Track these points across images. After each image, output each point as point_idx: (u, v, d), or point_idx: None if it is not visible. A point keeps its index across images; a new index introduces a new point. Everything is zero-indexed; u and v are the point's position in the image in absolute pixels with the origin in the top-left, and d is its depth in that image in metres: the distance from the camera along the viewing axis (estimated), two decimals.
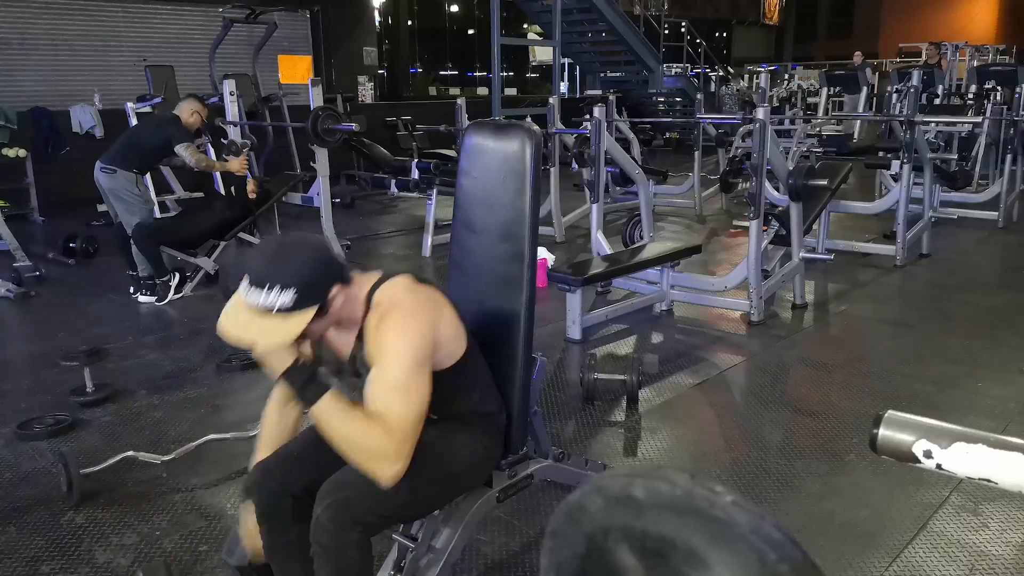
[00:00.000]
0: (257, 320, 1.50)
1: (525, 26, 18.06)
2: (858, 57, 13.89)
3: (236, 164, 5.38)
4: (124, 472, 2.78)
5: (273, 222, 5.95)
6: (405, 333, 1.56)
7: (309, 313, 1.51)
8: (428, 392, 1.57)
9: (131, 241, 4.96)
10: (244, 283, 1.51)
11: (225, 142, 5.62)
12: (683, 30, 16.51)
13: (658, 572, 0.55)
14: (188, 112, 5.16)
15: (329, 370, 1.74)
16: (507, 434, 1.94)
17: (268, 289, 1.47)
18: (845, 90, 12.72)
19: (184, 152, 5.02)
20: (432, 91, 18.48)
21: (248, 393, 3.60)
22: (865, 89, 12.05)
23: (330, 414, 1.52)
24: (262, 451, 1.84)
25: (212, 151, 6.39)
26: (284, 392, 1.82)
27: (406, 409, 1.53)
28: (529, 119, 6.94)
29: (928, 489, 2.61)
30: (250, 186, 5.53)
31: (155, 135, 5.12)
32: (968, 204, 7.49)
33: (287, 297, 1.47)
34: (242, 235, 5.68)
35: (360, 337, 1.64)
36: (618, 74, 14.16)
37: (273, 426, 1.88)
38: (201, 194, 5.82)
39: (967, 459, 0.76)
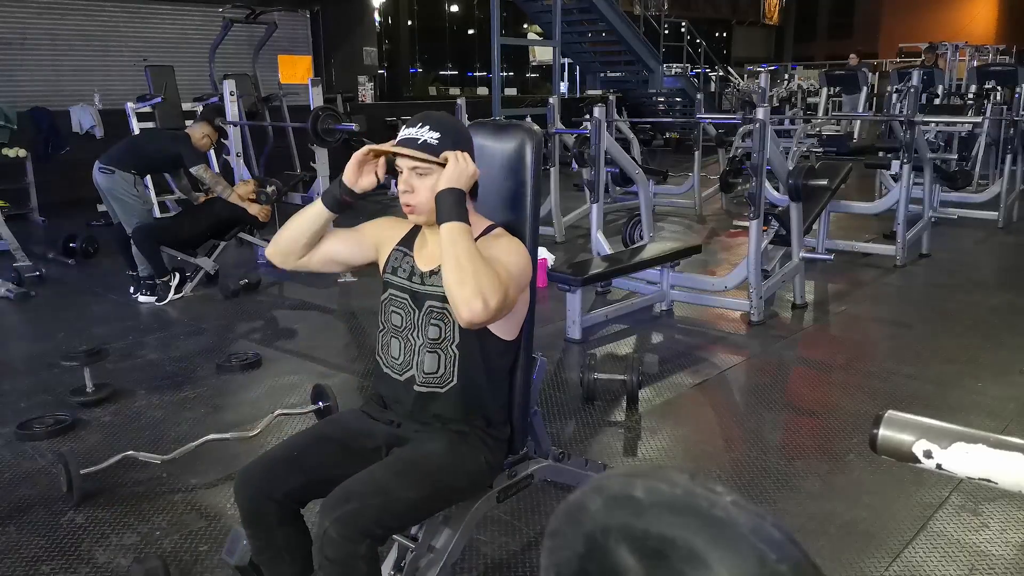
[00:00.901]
0: (402, 148, 1.69)
1: (525, 26, 18.06)
2: (853, 59, 13.90)
3: (256, 209, 5.42)
4: (124, 472, 2.79)
5: (273, 222, 5.95)
6: (521, 253, 1.74)
7: (436, 159, 1.67)
8: (526, 284, 1.76)
9: (131, 241, 4.96)
10: (402, 129, 1.74)
11: (261, 189, 5.63)
12: (683, 30, 16.51)
13: (658, 572, 0.55)
14: (200, 135, 5.22)
15: (401, 277, 1.81)
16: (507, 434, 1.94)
17: (420, 127, 1.70)
18: (845, 90, 12.72)
19: (204, 175, 5.14)
20: (432, 91, 18.50)
21: (248, 393, 3.60)
22: (865, 89, 12.05)
23: (465, 236, 1.62)
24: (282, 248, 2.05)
25: (214, 159, 6.40)
26: (318, 245, 1.94)
27: (516, 272, 1.68)
28: (529, 119, 6.94)
29: (928, 489, 2.61)
30: (250, 186, 5.52)
31: (165, 148, 5.18)
32: (968, 204, 7.49)
33: (432, 135, 1.68)
34: (242, 235, 5.68)
35: None
36: (618, 74, 14.17)
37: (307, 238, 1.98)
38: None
39: (967, 459, 0.76)
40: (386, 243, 1.88)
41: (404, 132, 1.72)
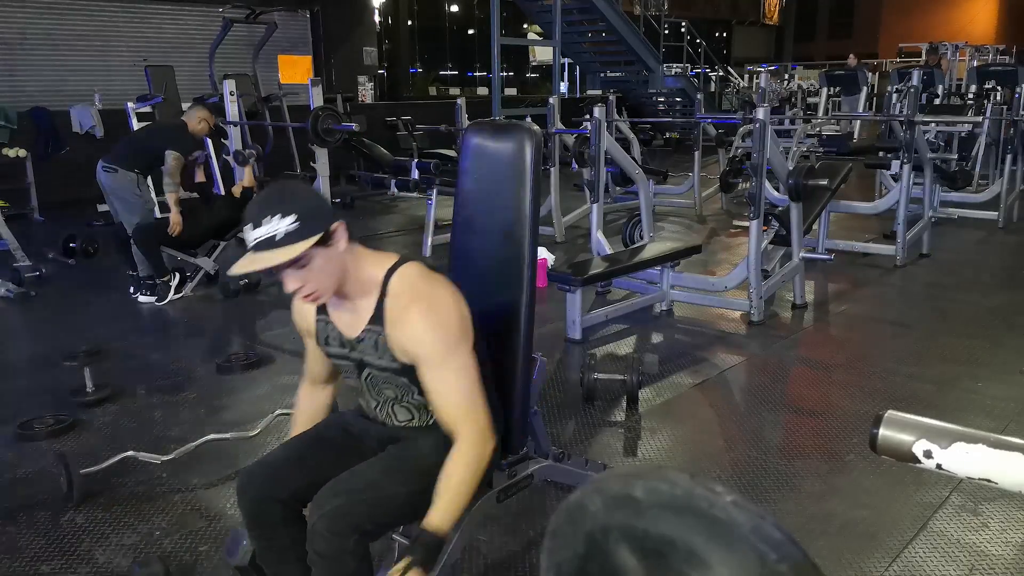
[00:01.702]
0: (252, 258, 1.49)
1: (525, 26, 18.05)
2: (852, 60, 13.91)
3: (238, 189, 5.39)
4: (124, 472, 2.78)
5: None
6: (439, 324, 1.60)
7: (311, 240, 1.49)
8: (477, 367, 1.63)
9: (131, 241, 4.96)
10: (248, 230, 1.50)
11: (233, 152, 5.61)
12: (683, 30, 16.50)
13: (658, 572, 0.55)
14: (196, 120, 5.16)
15: (334, 346, 1.74)
16: (507, 434, 1.94)
17: (268, 220, 1.47)
18: (844, 91, 12.73)
19: (169, 160, 4.92)
20: (432, 91, 18.48)
21: (248, 393, 3.60)
22: (864, 89, 12.06)
23: (459, 504, 1.59)
24: (295, 431, 1.89)
25: (214, 158, 6.39)
26: (315, 373, 1.88)
27: (471, 401, 1.62)
28: (529, 119, 6.94)
29: (928, 489, 2.61)
30: (248, 179, 5.52)
31: (163, 141, 5.08)
32: (968, 204, 7.49)
33: (288, 222, 1.46)
34: (242, 235, 5.68)
35: (377, 320, 1.64)
36: (618, 74, 14.17)
37: (306, 409, 1.92)
38: (196, 194, 5.82)
39: (967, 459, 0.76)
40: (308, 318, 1.76)
41: (252, 234, 1.49)
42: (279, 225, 1.46)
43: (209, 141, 6.69)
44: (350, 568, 1.56)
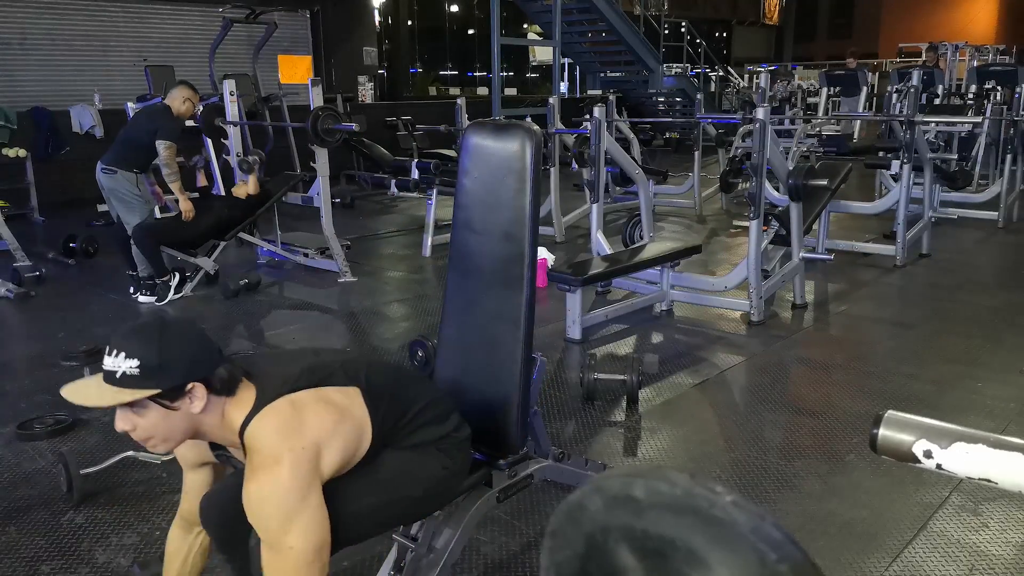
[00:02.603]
0: (96, 384, 1.40)
1: (525, 26, 18.05)
2: (852, 62, 13.91)
3: (243, 191, 5.36)
4: (124, 472, 2.79)
5: (273, 222, 5.95)
6: (275, 494, 1.42)
7: (143, 393, 1.38)
8: (324, 517, 1.46)
9: (131, 241, 4.96)
10: (104, 353, 1.41)
11: (237, 161, 5.59)
12: (683, 30, 16.51)
13: (658, 572, 0.55)
14: (180, 100, 5.01)
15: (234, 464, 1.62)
16: (507, 434, 1.94)
17: (117, 354, 1.37)
18: (844, 91, 12.73)
19: (162, 151, 4.82)
20: (432, 91, 18.48)
21: None
22: (864, 89, 12.05)
23: None
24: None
25: (214, 160, 6.39)
26: (191, 511, 1.74)
27: (303, 561, 1.44)
28: (529, 119, 6.94)
29: (928, 489, 2.61)
30: (252, 186, 5.53)
31: (148, 129, 4.93)
32: (968, 204, 7.49)
33: (130, 364, 1.37)
34: (242, 235, 5.68)
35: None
36: (618, 74, 14.17)
37: (176, 551, 1.80)
38: (197, 194, 5.82)
39: (967, 459, 0.76)
40: (205, 455, 1.68)
41: (104, 360, 1.41)
42: (122, 364, 1.37)
43: (209, 141, 6.69)
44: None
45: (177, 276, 5.08)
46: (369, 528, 1.66)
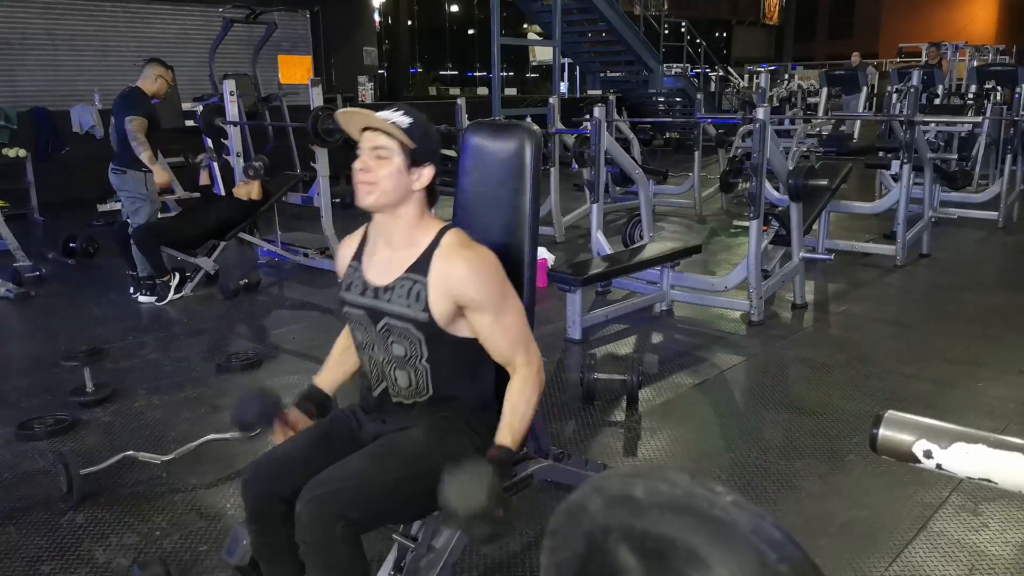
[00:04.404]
0: (371, 113, 1.68)
1: (525, 26, 18.06)
2: (856, 58, 13.91)
3: (245, 191, 5.36)
4: (124, 472, 2.79)
5: (273, 222, 5.96)
6: (492, 272, 1.71)
7: (404, 141, 1.66)
8: (520, 303, 1.77)
9: (131, 241, 4.96)
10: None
11: (243, 167, 5.60)
12: (683, 30, 16.50)
13: (658, 572, 0.55)
14: (151, 79, 4.96)
15: (354, 293, 1.79)
16: None
17: (394, 111, 1.68)
18: (845, 90, 12.73)
19: (129, 125, 4.73)
20: (432, 91, 18.48)
21: None
22: (865, 89, 12.05)
23: (523, 426, 1.72)
24: (321, 373, 1.98)
25: (212, 156, 6.38)
26: (348, 338, 1.94)
27: (526, 336, 1.75)
28: (529, 119, 6.94)
29: (928, 489, 2.61)
30: (254, 187, 5.53)
31: (123, 117, 4.85)
32: (968, 204, 7.49)
33: (403, 120, 1.66)
34: (242, 235, 5.68)
35: (420, 269, 1.70)
36: (618, 74, 14.15)
37: (336, 360, 2.00)
38: (198, 194, 5.83)
39: (967, 459, 0.76)
40: (342, 262, 1.87)
41: (379, 112, 1.71)
42: (397, 116, 1.67)
43: (209, 141, 6.68)
44: (341, 556, 1.55)
45: (177, 276, 5.08)
46: (401, 505, 1.72)
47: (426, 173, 1.70)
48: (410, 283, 1.70)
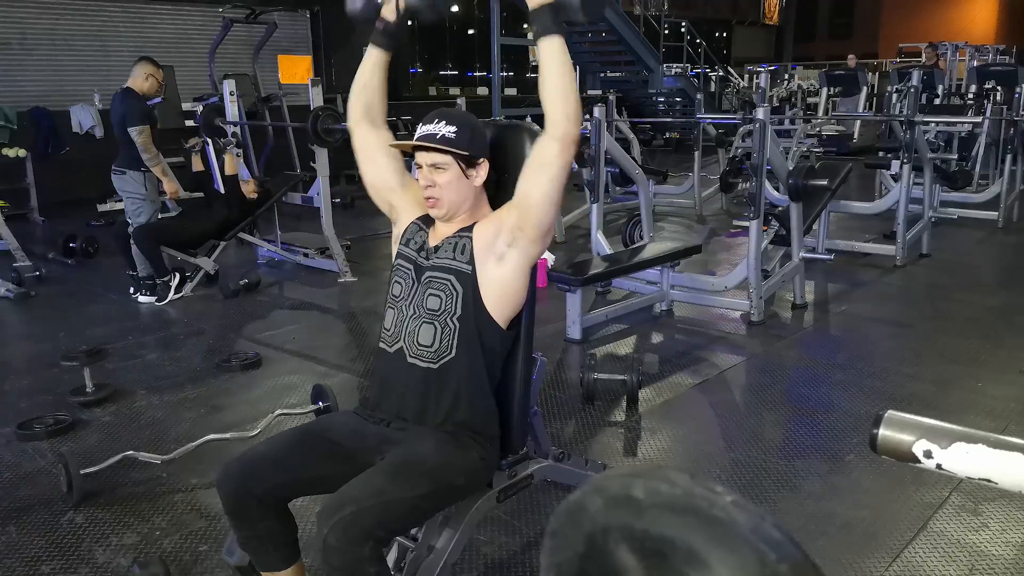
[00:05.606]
0: (425, 136, 1.79)
1: (525, 26, 18.05)
2: (852, 60, 13.91)
3: (248, 188, 5.37)
4: (124, 472, 2.79)
5: (273, 222, 5.96)
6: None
7: (455, 150, 1.76)
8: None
9: (131, 241, 4.96)
10: (420, 125, 1.82)
11: (222, 142, 5.59)
12: (683, 30, 16.50)
13: (658, 572, 0.55)
14: (142, 78, 4.94)
15: (411, 248, 1.88)
16: (507, 434, 1.94)
17: (436, 122, 1.79)
18: (844, 91, 12.72)
19: (135, 137, 4.76)
20: (432, 91, 18.47)
21: (248, 393, 3.60)
22: (864, 89, 12.05)
23: (567, 53, 1.73)
24: (352, 97, 2.01)
25: (212, 150, 6.38)
26: (377, 57, 1.98)
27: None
28: (529, 119, 6.94)
29: (928, 489, 2.61)
30: (251, 186, 5.54)
31: (119, 120, 4.86)
32: (968, 204, 7.49)
33: (448, 130, 1.77)
34: (242, 235, 5.68)
35: (466, 229, 1.82)
36: (618, 74, 14.15)
37: (367, 78, 1.99)
38: (201, 194, 5.82)
39: (967, 459, 0.76)
40: (408, 210, 1.95)
41: (421, 129, 1.79)
42: (442, 128, 1.77)
43: (209, 141, 6.68)
44: (370, 575, 1.54)
45: (177, 276, 5.09)
46: (420, 519, 1.77)
47: (482, 168, 1.84)
48: (457, 239, 1.82)
